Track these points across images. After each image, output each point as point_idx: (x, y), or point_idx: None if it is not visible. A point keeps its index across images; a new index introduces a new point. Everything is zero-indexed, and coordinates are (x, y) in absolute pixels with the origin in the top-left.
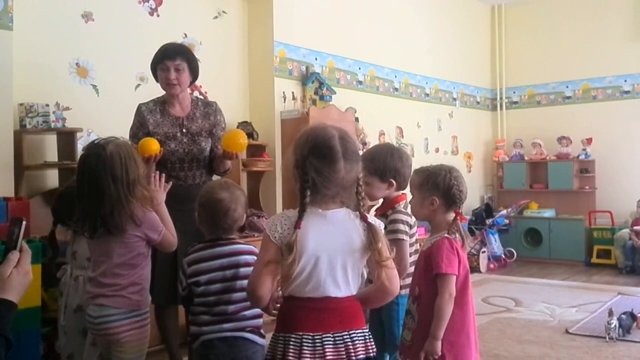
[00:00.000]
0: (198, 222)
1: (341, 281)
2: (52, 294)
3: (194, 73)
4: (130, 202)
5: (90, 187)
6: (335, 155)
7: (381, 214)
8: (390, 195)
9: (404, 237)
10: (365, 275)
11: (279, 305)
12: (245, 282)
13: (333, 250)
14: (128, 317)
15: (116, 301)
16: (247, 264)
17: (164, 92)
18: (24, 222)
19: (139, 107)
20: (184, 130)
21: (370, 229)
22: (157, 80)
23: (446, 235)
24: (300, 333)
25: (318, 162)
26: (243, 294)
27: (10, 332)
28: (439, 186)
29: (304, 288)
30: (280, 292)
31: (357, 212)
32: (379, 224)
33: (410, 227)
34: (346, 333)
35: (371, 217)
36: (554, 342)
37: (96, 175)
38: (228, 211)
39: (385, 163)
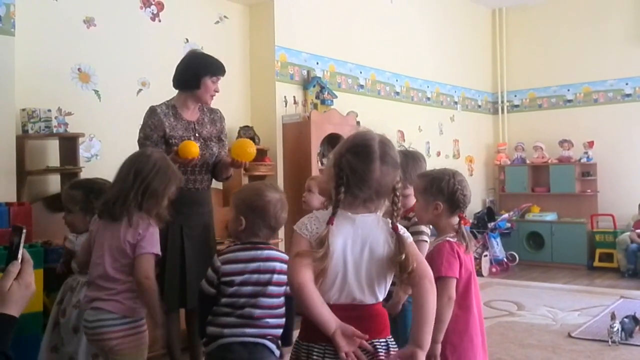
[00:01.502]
0: (243, 226)
1: (367, 287)
2: (53, 299)
3: None
4: (135, 201)
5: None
6: (372, 155)
7: (404, 216)
8: (410, 204)
9: (427, 238)
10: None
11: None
12: (277, 288)
13: (359, 255)
14: (122, 323)
15: (111, 305)
16: (282, 272)
17: (166, 97)
18: (24, 231)
19: (154, 109)
20: (196, 135)
21: (399, 240)
22: (187, 83)
23: (448, 238)
24: (324, 344)
25: (353, 159)
26: (271, 300)
27: (9, 347)
28: (443, 191)
29: (330, 292)
30: None
31: (389, 221)
32: (408, 237)
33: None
34: (369, 343)
35: (402, 229)
36: (556, 346)
37: (129, 165)
38: (282, 212)
39: (421, 170)
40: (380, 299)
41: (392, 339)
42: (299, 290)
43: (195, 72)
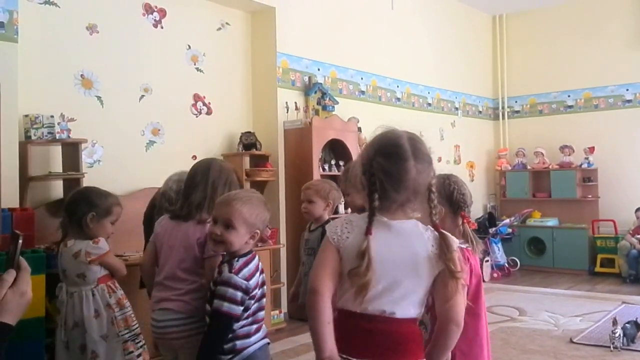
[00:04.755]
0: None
1: (400, 299)
2: (55, 304)
3: None
4: (211, 206)
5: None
6: (404, 154)
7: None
8: None
9: None
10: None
11: None
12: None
13: (393, 263)
14: (189, 322)
15: (178, 305)
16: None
17: (168, 103)
18: (20, 238)
19: None
20: None
21: (443, 238)
22: None
23: (458, 244)
24: (344, 355)
25: (385, 161)
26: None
27: (4, 357)
28: (440, 194)
29: (358, 299)
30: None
31: (428, 227)
32: (455, 241)
33: None
34: None
35: (447, 233)
36: (558, 351)
37: (205, 173)
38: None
39: None
40: (414, 315)
41: None
42: (310, 295)
43: None
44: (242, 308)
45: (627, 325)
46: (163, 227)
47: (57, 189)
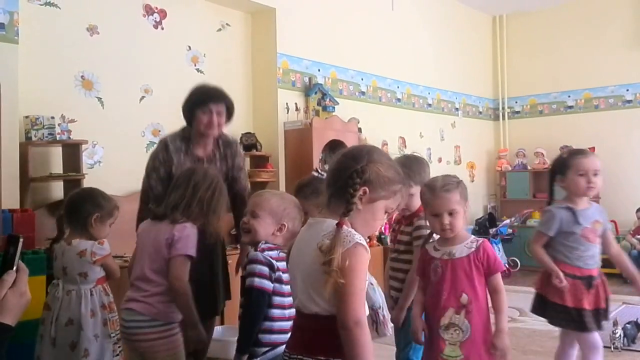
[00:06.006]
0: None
1: (312, 295)
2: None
3: (230, 116)
4: (187, 209)
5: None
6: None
7: (408, 222)
8: (415, 205)
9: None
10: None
11: None
12: None
13: (301, 259)
14: (152, 325)
15: (143, 307)
16: None
17: (168, 104)
18: (20, 240)
19: (166, 142)
20: None
21: (335, 235)
22: (187, 120)
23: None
24: (286, 350)
25: None
26: None
27: (5, 357)
28: (462, 195)
29: (295, 298)
30: None
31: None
32: (352, 237)
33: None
34: (295, 356)
35: (348, 230)
36: None
37: (188, 176)
38: None
39: (416, 172)
40: (324, 310)
41: None
42: None
43: (188, 107)
44: (272, 285)
45: (627, 325)
46: (142, 228)
47: (57, 190)
